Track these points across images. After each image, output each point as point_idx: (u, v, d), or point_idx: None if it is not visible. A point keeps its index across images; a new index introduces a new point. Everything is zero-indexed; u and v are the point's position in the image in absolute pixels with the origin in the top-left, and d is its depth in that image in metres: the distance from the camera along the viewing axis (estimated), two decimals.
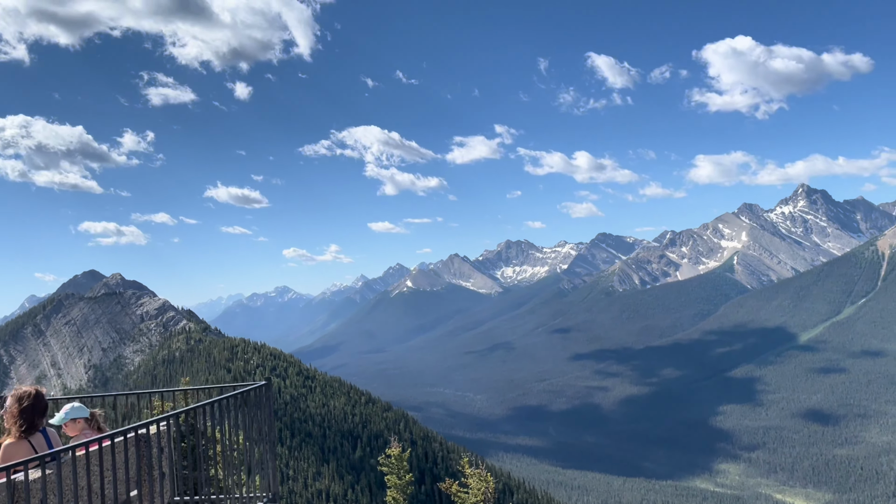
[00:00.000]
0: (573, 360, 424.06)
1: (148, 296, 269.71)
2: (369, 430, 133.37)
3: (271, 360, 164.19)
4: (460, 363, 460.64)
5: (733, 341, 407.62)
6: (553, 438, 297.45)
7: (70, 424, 8.52)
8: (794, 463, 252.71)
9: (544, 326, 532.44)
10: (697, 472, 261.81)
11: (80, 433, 8.42)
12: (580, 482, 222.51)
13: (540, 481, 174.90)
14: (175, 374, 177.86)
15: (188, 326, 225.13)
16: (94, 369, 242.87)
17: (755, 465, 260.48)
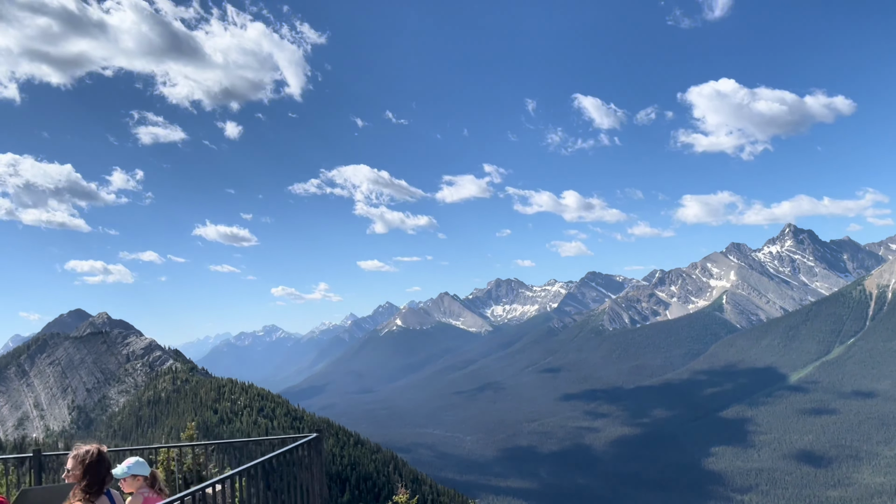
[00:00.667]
0: (563, 401, 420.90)
1: (134, 335, 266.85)
2: (358, 472, 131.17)
3: (259, 400, 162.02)
4: (449, 403, 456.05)
5: (724, 381, 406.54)
6: (544, 480, 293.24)
7: (129, 480, 8.12)
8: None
9: (534, 366, 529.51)
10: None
11: (137, 491, 8.04)
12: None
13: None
14: (160, 416, 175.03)
15: (175, 366, 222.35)
16: (78, 410, 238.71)
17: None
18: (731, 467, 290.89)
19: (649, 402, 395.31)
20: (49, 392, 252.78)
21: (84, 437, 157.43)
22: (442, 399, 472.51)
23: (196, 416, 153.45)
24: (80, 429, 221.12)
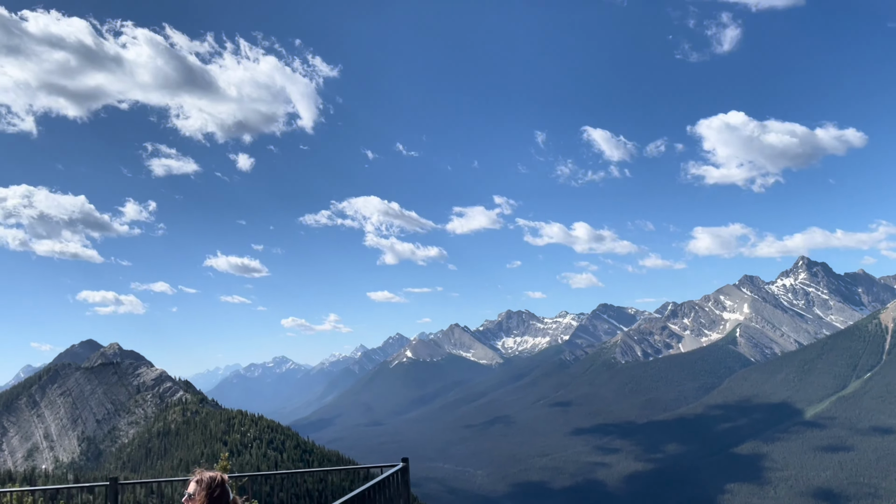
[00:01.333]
0: (574, 435, 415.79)
1: (145, 366, 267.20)
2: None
3: (268, 432, 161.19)
4: (460, 437, 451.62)
5: (738, 416, 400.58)
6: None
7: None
8: None
9: (545, 399, 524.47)
10: None
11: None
12: None
13: None
14: (170, 447, 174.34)
15: (185, 398, 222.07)
16: (88, 441, 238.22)
17: None
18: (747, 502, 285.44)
19: (662, 437, 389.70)
20: (59, 423, 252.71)
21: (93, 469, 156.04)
22: (452, 432, 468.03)
23: (206, 447, 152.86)
24: (90, 460, 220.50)
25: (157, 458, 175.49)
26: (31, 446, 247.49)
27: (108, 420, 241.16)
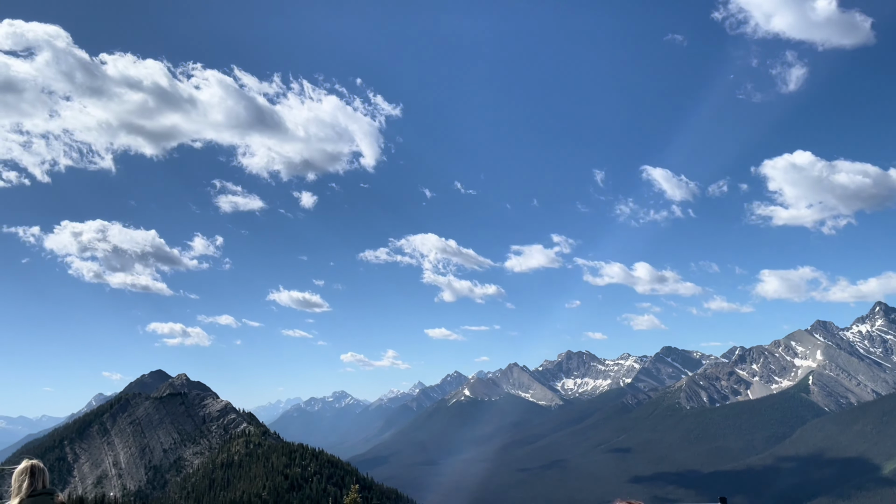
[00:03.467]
0: (634, 483, 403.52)
1: (211, 397, 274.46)
2: None
3: (329, 467, 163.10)
4: (516, 480, 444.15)
5: (810, 469, 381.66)
6: None
7: None
8: None
9: (606, 444, 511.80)
10: None
11: None
12: None
13: None
14: (233, 479, 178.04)
15: (248, 430, 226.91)
16: (154, 470, 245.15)
17: None
18: None
19: (728, 488, 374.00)
20: (128, 451, 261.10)
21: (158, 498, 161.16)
22: (509, 475, 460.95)
23: (268, 480, 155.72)
24: (156, 489, 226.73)
25: (220, 489, 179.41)
26: (100, 473, 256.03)
27: (175, 450, 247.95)
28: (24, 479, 6.54)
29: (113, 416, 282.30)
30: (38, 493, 6.55)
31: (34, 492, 6.53)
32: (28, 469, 6.70)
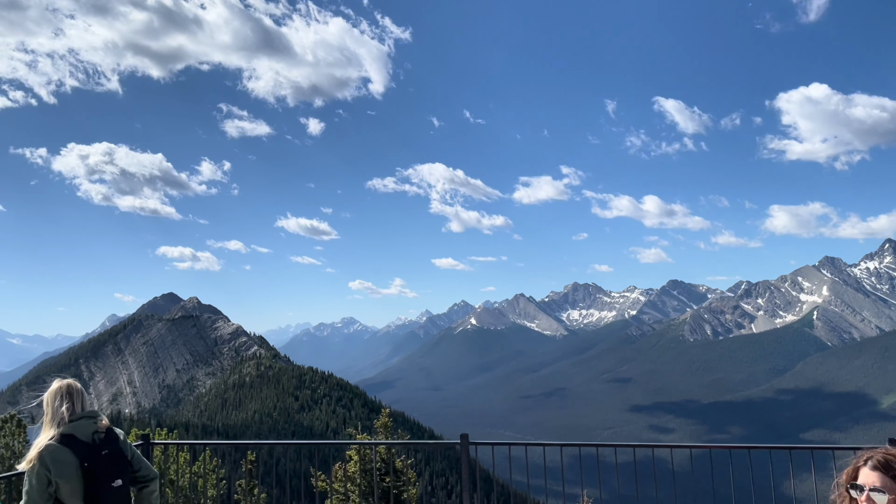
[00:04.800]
0: (632, 412, 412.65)
1: (222, 320, 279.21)
2: (432, 467, 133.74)
3: (338, 390, 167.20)
4: (519, 406, 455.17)
5: (808, 402, 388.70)
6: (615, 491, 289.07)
7: None
8: None
9: (608, 374, 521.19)
10: None
11: None
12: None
13: None
14: (244, 399, 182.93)
15: (259, 352, 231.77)
16: (168, 389, 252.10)
17: None
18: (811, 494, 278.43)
19: (727, 418, 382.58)
20: (142, 370, 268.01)
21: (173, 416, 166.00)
22: (511, 401, 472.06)
23: (278, 401, 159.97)
24: (169, 407, 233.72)
25: (232, 409, 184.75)
26: (115, 391, 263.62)
27: (187, 370, 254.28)
28: (60, 403, 5.47)
29: (126, 337, 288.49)
30: (78, 416, 5.48)
31: (74, 416, 5.46)
32: (64, 390, 5.54)
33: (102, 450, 5.46)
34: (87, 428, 5.48)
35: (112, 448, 5.53)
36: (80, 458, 5.33)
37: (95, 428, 5.52)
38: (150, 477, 5.84)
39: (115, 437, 5.62)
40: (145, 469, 5.82)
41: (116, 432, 5.71)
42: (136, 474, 5.76)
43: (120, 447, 5.60)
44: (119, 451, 5.57)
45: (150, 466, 5.91)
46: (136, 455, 5.82)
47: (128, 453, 5.70)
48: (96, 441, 5.47)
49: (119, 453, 5.57)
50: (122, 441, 5.69)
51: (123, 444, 5.69)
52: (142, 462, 5.83)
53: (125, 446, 5.71)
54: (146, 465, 5.85)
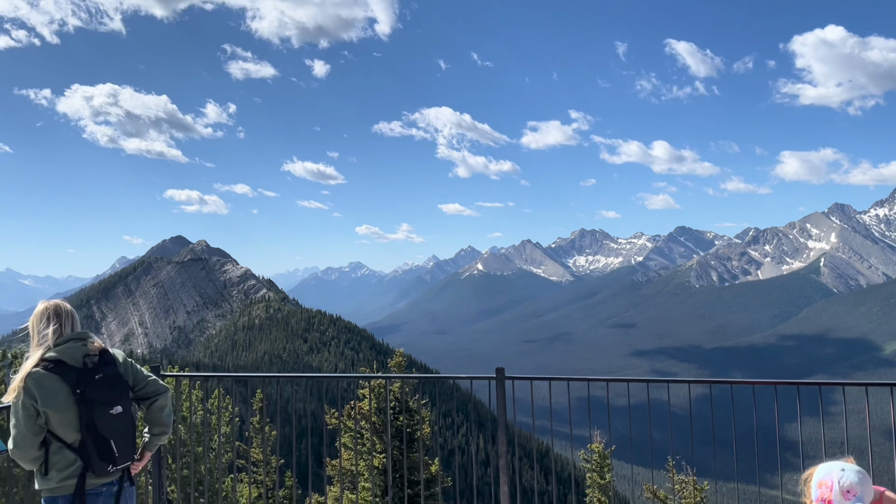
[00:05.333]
0: (635, 356, 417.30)
1: (231, 263, 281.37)
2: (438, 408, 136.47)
3: (346, 333, 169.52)
4: (523, 350, 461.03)
5: (812, 348, 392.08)
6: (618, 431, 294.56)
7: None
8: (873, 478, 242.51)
9: (612, 319, 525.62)
10: (766, 479, 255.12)
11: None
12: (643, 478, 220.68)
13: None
14: (254, 341, 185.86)
15: (268, 295, 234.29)
16: (178, 330, 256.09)
17: None
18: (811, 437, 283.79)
19: (729, 363, 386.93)
20: (153, 312, 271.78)
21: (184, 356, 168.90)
22: (516, 346, 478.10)
23: (287, 343, 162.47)
24: (181, 347, 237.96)
25: (242, 350, 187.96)
26: (127, 331, 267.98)
27: (197, 312, 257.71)
28: (46, 325, 4.70)
29: (137, 279, 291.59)
30: (66, 339, 4.68)
31: (61, 339, 4.66)
32: (50, 311, 4.76)
33: (96, 374, 4.61)
34: (76, 351, 4.65)
35: (107, 372, 4.68)
36: (70, 385, 4.50)
37: (86, 350, 4.69)
38: (160, 391, 4.99)
39: (110, 360, 4.79)
40: (152, 385, 4.98)
41: (113, 354, 4.89)
42: (142, 391, 4.94)
43: (117, 371, 4.78)
44: (115, 375, 4.74)
45: (159, 381, 5.06)
46: (139, 374, 4.99)
47: (129, 376, 4.89)
48: (88, 365, 4.63)
49: (116, 377, 4.73)
50: (120, 363, 4.88)
51: (123, 365, 4.89)
52: (147, 379, 4.99)
53: (125, 368, 4.90)
54: (153, 381, 5.01)
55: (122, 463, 4.71)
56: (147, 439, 5.04)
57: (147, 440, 5.04)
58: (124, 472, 4.84)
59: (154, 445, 5.08)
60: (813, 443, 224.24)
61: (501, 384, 7.31)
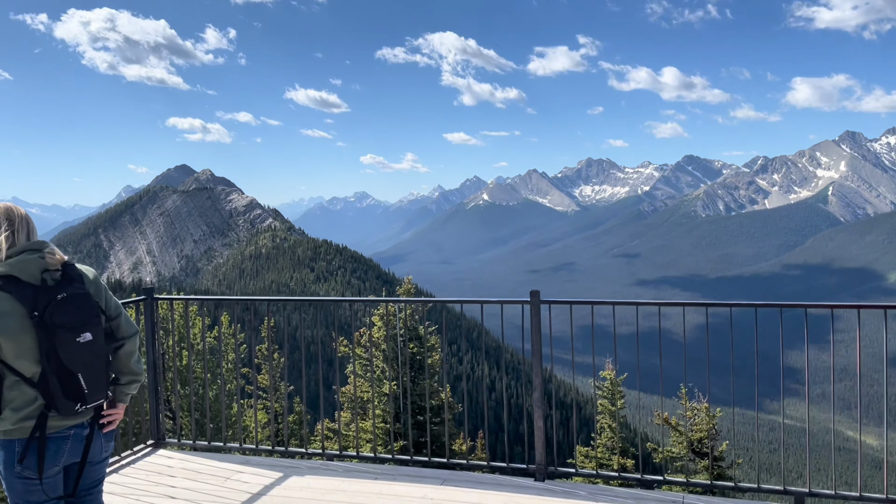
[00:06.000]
0: (637, 286, 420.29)
1: (236, 192, 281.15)
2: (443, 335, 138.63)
3: (352, 262, 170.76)
4: (526, 279, 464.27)
5: (815, 277, 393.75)
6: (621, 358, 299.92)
7: None
8: (870, 402, 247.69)
9: (617, 249, 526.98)
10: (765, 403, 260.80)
11: None
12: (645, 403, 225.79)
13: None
14: (261, 270, 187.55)
15: (274, 225, 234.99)
16: (186, 259, 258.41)
17: (827, 402, 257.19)
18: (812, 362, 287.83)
19: (733, 292, 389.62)
20: (160, 241, 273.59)
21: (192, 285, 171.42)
22: (519, 275, 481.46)
23: (294, 272, 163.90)
24: (189, 276, 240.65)
25: (249, 279, 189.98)
26: (135, 260, 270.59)
27: (204, 241, 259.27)
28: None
29: (143, 207, 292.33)
30: (19, 251, 3.48)
31: (13, 249, 3.49)
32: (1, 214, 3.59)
33: (58, 293, 3.43)
34: (31, 265, 3.48)
35: (72, 291, 3.49)
36: (26, 306, 3.37)
37: (44, 264, 3.52)
38: (128, 334, 3.77)
39: (76, 277, 3.59)
40: (123, 323, 3.77)
41: (81, 270, 3.68)
42: (109, 325, 3.72)
43: (85, 290, 3.56)
44: (82, 295, 3.52)
45: (130, 321, 3.82)
46: (111, 301, 3.77)
47: (100, 299, 3.67)
48: (48, 282, 3.47)
49: (83, 298, 3.51)
50: (89, 281, 3.67)
51: (93, 285, 3.68)
52: (119, 312, 3.77)
53: (96, 289, 3.68)
54: (124, 320, 3.78)
55: (92, 401, 3.51)
56: (118, 389, 3.81)
57: (117, 390, 3.80)
58: (97, 411, 3.64)
59: (125, 396, 3.83)
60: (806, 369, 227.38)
61: (536, 309, 6.72)
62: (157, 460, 6.71)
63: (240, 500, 5.49)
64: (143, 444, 7.13)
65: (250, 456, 6.94)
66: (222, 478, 6.02)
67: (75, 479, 3.63)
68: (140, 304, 7.16)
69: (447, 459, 6.49)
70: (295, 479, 5.93)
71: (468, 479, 6.01)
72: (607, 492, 5.86)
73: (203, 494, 5.64)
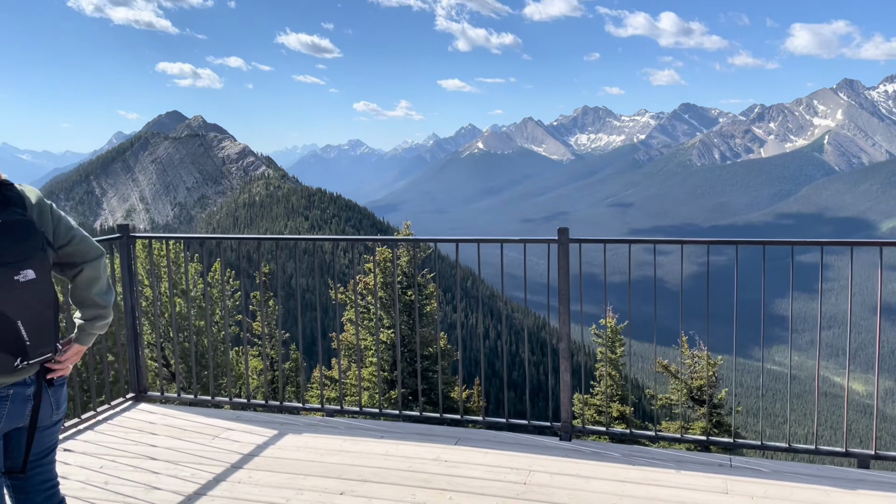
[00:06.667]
0: (629, 235, 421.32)
1: (229, 140, 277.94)
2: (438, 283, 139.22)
3: (346, 211, 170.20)
4: (519, 229, 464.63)
5: (808, 226, 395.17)
6: (614, 306, 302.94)
7: None
8: (858, 349, 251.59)
9: (611, 198, 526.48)
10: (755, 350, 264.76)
11: None
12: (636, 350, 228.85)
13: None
14: (255, 218, 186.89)
15: (267, 172, 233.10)
16: (180, 207, 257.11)
17: (815, 348, 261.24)
18: (801, 311, 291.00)
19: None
20: (153, 188, 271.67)
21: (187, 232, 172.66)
22: (512, 224, 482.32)
23: (288, 220, 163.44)
24: (183, 223, 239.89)
25: (244, 226, 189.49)
26: (128, 207, 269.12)
27: (198, 188, 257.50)
28: None
29: (135, 154, 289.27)
30: None
31: None
32: None
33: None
34: None
35: (9, 217, 2.59)
36: None
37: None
38: (88, 258, 2.88)
39: (15, 200, 2.67)
40: (81, 244, 2.88)
41: (21, 191, 2.74)
42: (65, 250, 2.83)
43: (25, 216, 2.65)
44: (22, 223, 2.62)
45: (92, 243, 2.93)
46: (62, 225, 2.85)
47: (46, 227, 2.77)
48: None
49: (22, 226, 2.61)
50: (32, 205, 2.76)
51: (37, 209, 2.78)
52: (73, 234, 2.87)
53: (41, 214, 2.78)
54: (82, 239, 2.90)
55: (36, 355, 2.66)
56: (78, 326, 2.95)
57: (78, 328, 2.95)
58: (42, 366, 2.79)
59: (89, 336, 2.96)
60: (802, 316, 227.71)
61: (565, 248, 5.99)
62: (137, 415, 6.03)
63: (229, 461, 4.76)
64: (123, 397, 6.36)
65: (241, 411, 6.21)
66: (210, 436, 5.28)
67: (25, 449, 2.80)
68: (114, 243, 6.38)
69: (461, 416, 5.83)
70: (291, 437, 5.15)
71: (485, 439, 5.27)
72: (642, 453, 5.17)
73: (187, 455, 5.02)
